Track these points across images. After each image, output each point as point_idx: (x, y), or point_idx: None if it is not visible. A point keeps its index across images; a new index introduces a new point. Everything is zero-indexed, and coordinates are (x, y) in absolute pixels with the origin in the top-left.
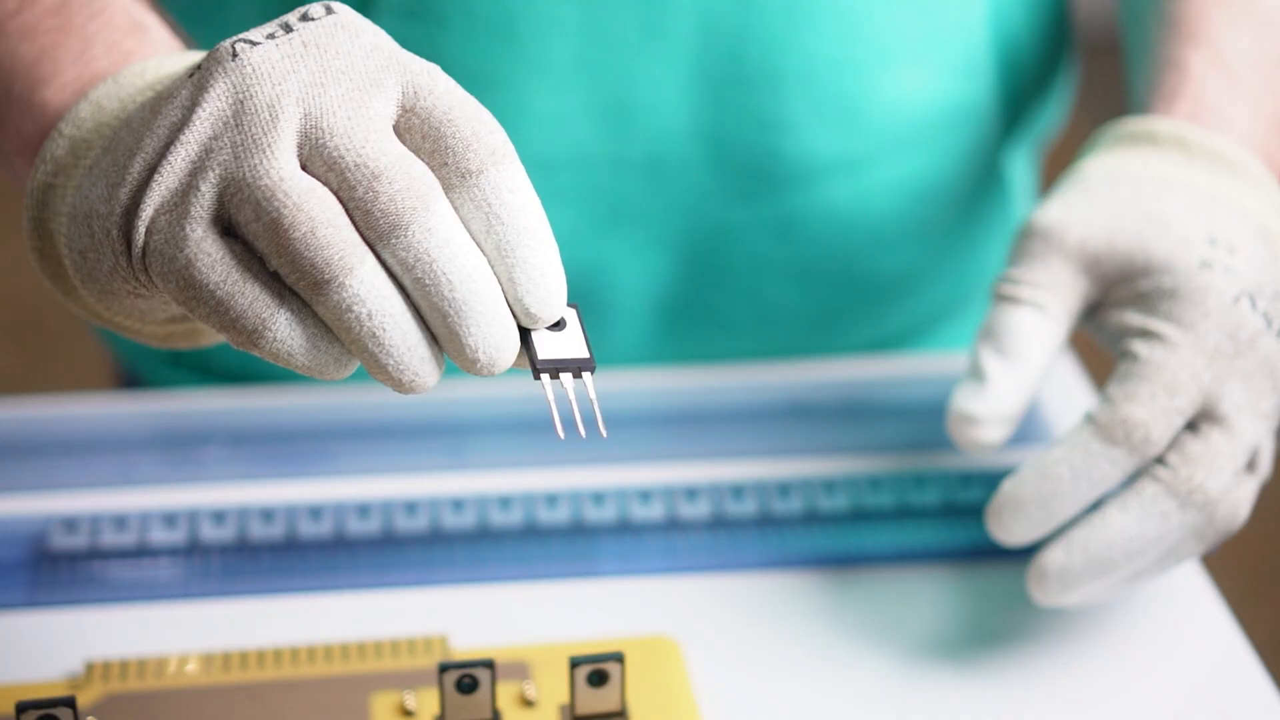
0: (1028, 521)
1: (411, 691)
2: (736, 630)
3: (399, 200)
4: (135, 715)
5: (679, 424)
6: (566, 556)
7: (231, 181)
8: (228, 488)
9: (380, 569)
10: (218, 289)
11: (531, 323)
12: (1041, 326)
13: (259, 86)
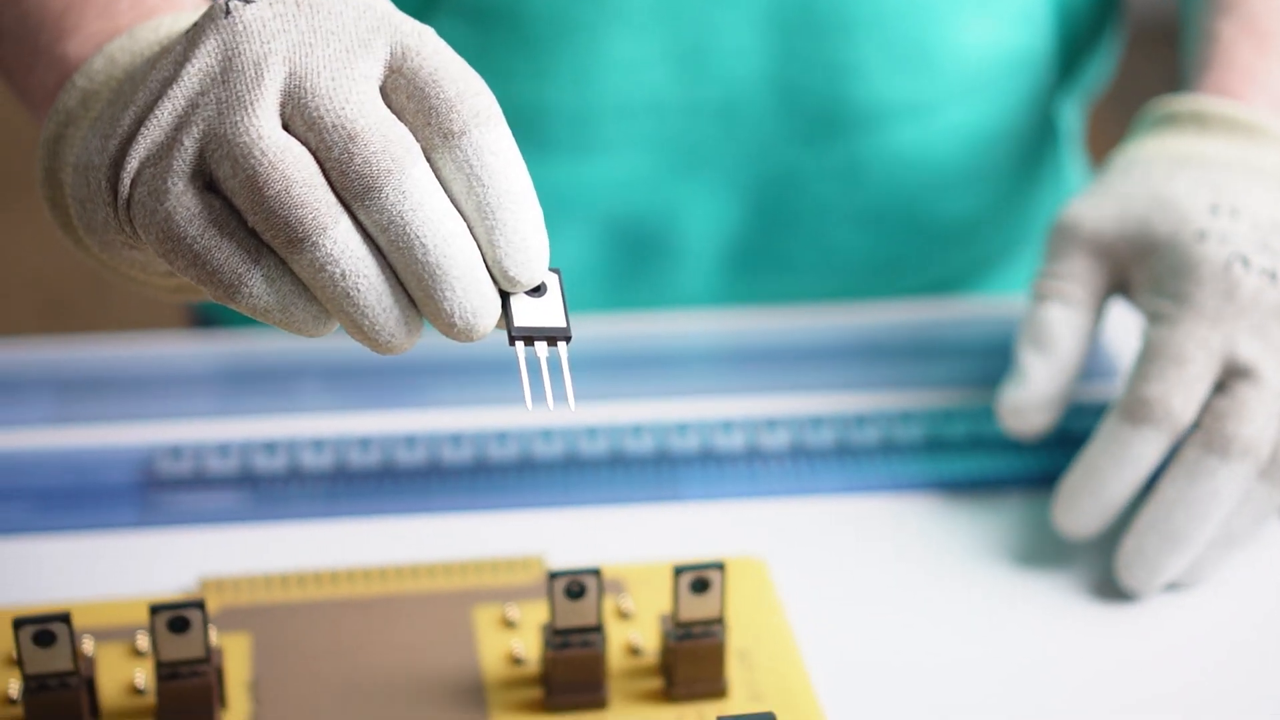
0: (1086, 513)
1: (514, 603)
2: (817, 552)
3: (374, 162)
4: (251, 627)
5: (753, 361)
6: (652, 483)
7: (213, 137)
8: (325, 419)
9: (474, 494)
10: (195, 242)
11: (511, 287)
12: (1069, 318)
13: (247, 44)
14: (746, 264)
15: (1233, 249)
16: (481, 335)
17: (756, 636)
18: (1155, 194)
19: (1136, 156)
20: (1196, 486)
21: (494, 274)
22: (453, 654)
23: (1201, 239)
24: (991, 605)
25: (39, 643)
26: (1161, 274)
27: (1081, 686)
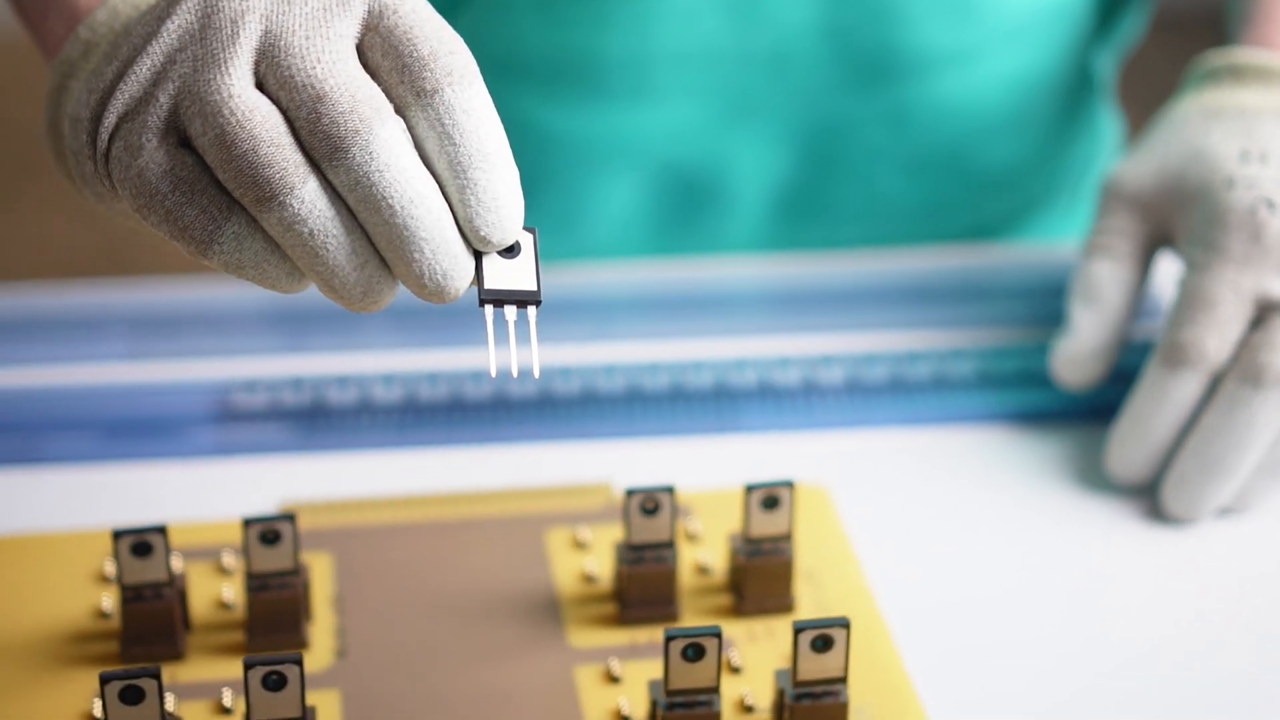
0: (1135, 458)
1: (584, 525)
2: (873, 481)
3: (341, 122)
4: (332, 547)
5: (805, 303)
6: (712, 414)
7: (187, 94)
8: (394, 355)
9: (540, 425)
10: (166, 199)
11: (482, 246)
12: (1115, 272)
13: (226, 1)
14: (793, 210)
15: (1258, 193)
16: (453, 296)
17: (821, 557)
18: (1190, 147)
19: (1175, 113)
20: (1233, 416)
21: (466, 234)
22: (526, 573)
23: (1230, 186)
24: (1043, 530)
25: (136, 553)
26: (1197, 223)
27: (1130, 608)
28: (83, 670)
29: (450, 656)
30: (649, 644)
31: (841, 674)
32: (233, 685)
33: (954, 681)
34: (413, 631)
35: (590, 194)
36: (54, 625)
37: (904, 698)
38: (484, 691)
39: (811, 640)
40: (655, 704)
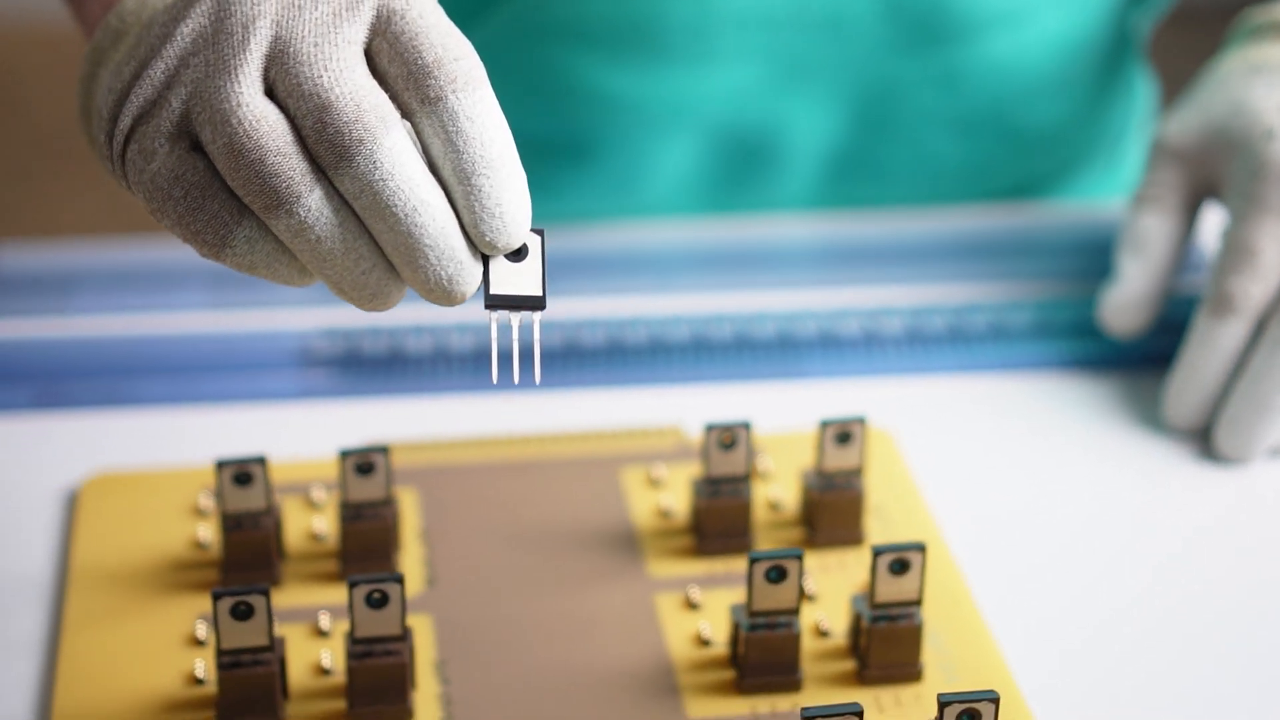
0: (1190, 404)
1: (659, 464)
2: (933, 425)
3: (346, 132)
4: (417, 483)
5: (860, 258)
6: (776, 361)
7: (198, 99)
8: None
9: (610, 370)
10: (179, 204)
11: (488, 251)
12: (1161, 224)
13: (238, 6)
14: (844, 171)
15: None
16: (461, 300)
17: (887, 494)
18: (1233, 101)
19: (1219, 69)
20: (1278, 357)
21: (471, 239)
22: (604, 509)
23: (1270, 138)
24: (1098, 470)
25: (238, 482)
26: (1239, 175)
27: (1184, 544)
28: (185, 596)
29: (534, 585)
30: (725, 574)
31: (916, 597)
32: (329, 609)
33: (1015, 610)
34: (497, 562)
35: (648, 155)
36: (155, 556)
37: (971, 622)
38: (568, 617)
39: (889, 563)
40: (737, 626)
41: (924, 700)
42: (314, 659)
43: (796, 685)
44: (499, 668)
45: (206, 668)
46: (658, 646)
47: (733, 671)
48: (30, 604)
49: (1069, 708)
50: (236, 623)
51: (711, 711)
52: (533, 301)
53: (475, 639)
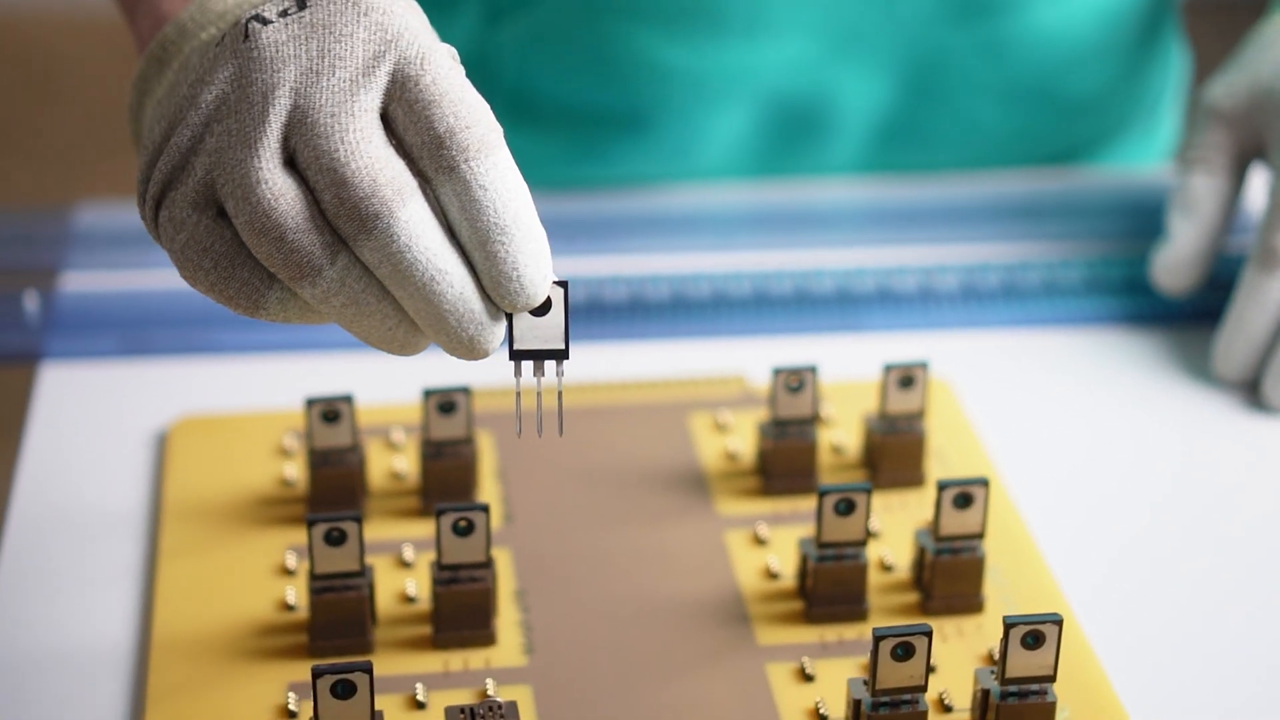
0: (1239, 357)
1: (724, 410)
2: (989, 377)
3: (362, 207)
4: (493, 427)
5: (913, 219)
6: (835, 315)
7: (221, 170)
8: None
9: (674, 323)
10: (210, 273)
11: (509, 310)
12: (1210, 184)
13: (259, 73)
14: (892, 138)
15: None
16: (484, 356)
17: (947, 440)
18: (1279, 63)
19: (1265, 33)
20: None
21: (492, 300)
22: (672, 452)
23: None
24: (1149, 420)
25: (325, 419)
26: None
27: (1233, 492)
28: (273, 530)
29: (607, 522)
30: (791, 513)
31: (980, 530)
32: (412, 542)
33: (1071, 549)
34: (571, 500)
35: (702, 124)
36: (243, 493)
37: (1030, 557)
38: (641, 551)
39: (954, 497)
40: (806, 558)
41: (985, 630)
42: (399, 587)
43: (863, 615)
44: (575, 597)
45: (297, 594)
46: (727, 579)
47: (801, 602)
48: (126, 537)
49: (1121, 639)
50: (329, 548)
51: (781, 639)
52: (556, 353)
53: (552, 571)
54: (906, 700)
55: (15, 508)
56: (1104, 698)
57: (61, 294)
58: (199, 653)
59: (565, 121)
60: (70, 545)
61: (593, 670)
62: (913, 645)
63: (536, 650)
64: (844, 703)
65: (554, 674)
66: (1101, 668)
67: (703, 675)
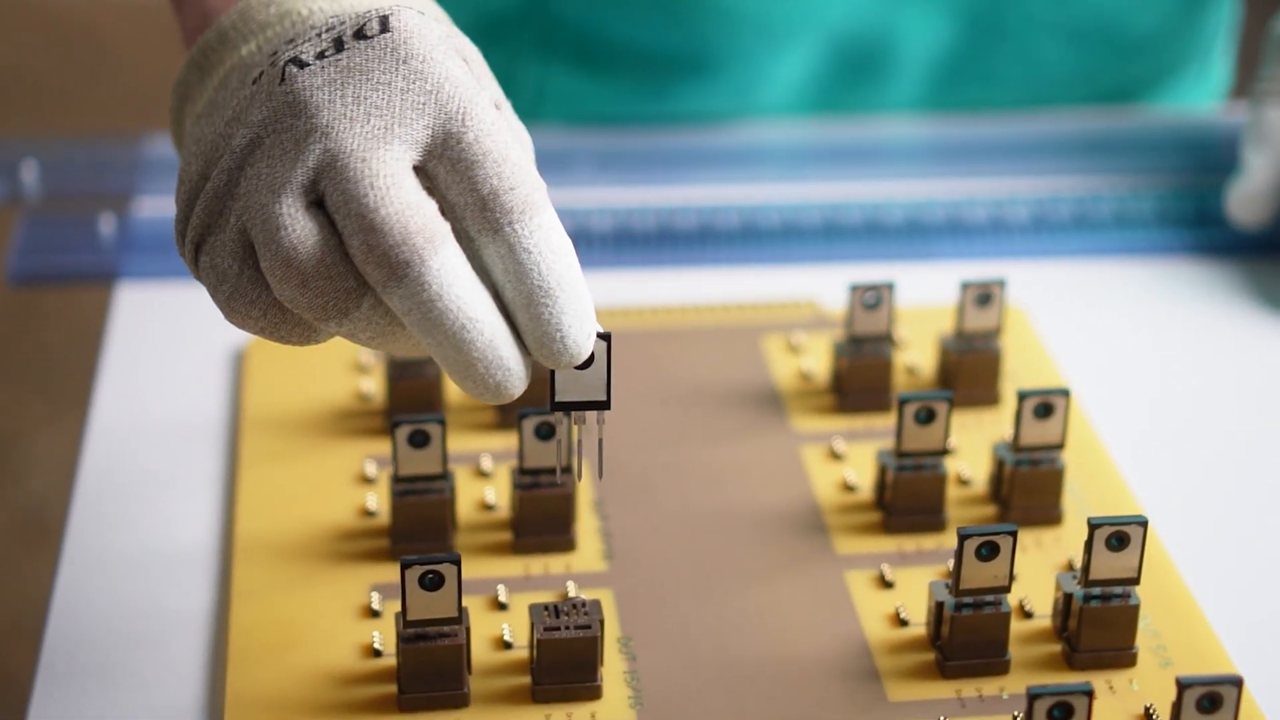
0: None
1: (800, 330)
2: (1061, 306)
3: (392, 254)
4: None
5: (979, 154)
6: (905, 244)
7: (250, 215)
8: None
9: (745, 250)
10: (259, 320)
11: (552, 367)
12: None
13: (293, 120)
14: (954, 77)
15: None
16: (509, 400)
17: (1021, 362)
18: None
19: None
20: None
21: (535, 357)
22: (746, 372)
23: None
24: (1220, 350)
25: None
26: None
27: None
28: (352, 440)
29: (682, 436)
30: (867, 429)
31: (1060, 440)
32: (490, 453)
33: (1140, 468)
34: (646, 416)
35: (765, 65)
36: (320, 405)
37: (1106, 470)
38: (716, 464)
39: (1034, 407)
40: (885, 469)
41: (1063, 542)
42: (479, 496)
43: (941, 526)
44: (653, 508)
45: (378, 500)
46: (804, 492)
47: (879, 514)
48: (206, 449)
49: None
50: (413, 450)
51: (859, 549)
52: (598, 405)
53: (630, 482)
54: (990, 601)
55: (95, 419)
56: (1183, 603)
57: (136, 218)
58: (282, 555)
59: (629, 63)
60: (150, 456)
61: (672, 577)
62: (997, 545)
63: (616, 556)
64: (924, 608)
65: (634, 579)
66: (1180, 575)
67: (781, 582)
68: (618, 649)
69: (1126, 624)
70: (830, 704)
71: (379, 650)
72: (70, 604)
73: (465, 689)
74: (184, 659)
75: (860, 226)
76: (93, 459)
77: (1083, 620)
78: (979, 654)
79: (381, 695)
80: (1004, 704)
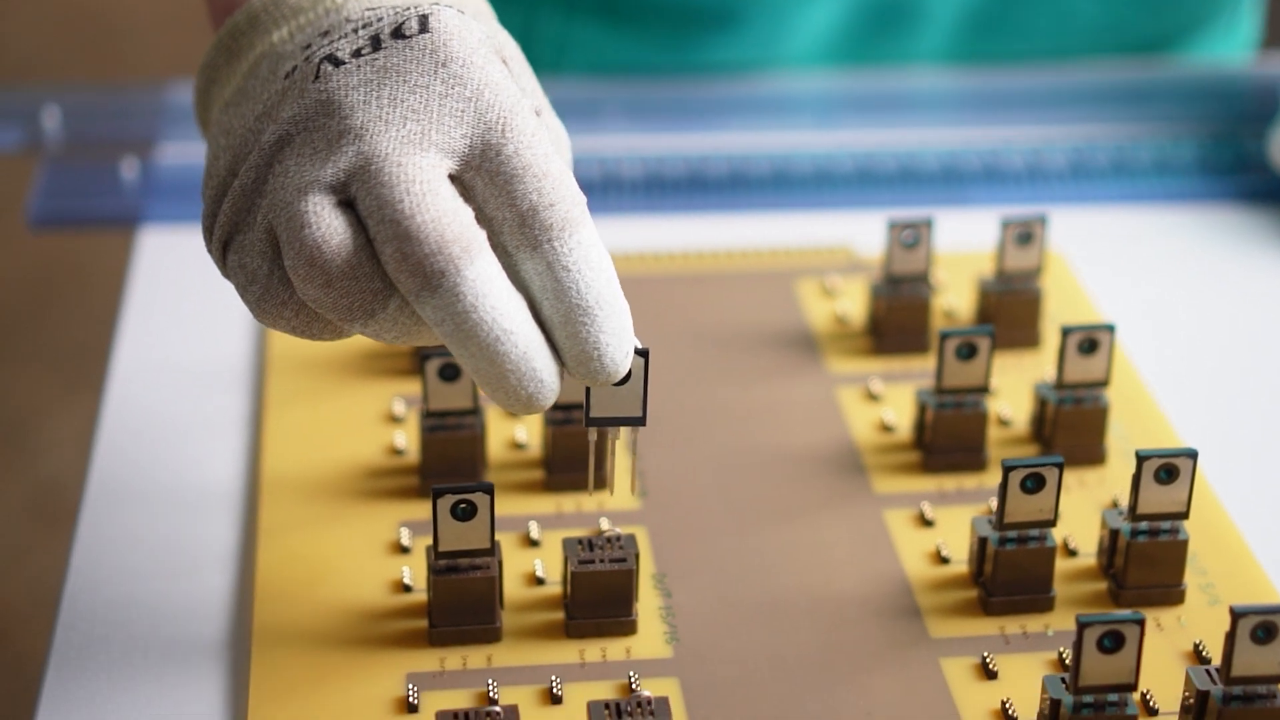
0: None
1: (835, 274)
2: (1098, 252)
3: (427, 264)
4: None
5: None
6: (940, 190)
7: (277, 215)
8: (633, 138)
9: (777, 196)
10: (290, 320)
11: (589, 385)
12: None
13: (325, 119)
14: (981, 29)
15: None
16: (540, 411)
17: (1061, 305)
18: None
19: None
20: None
21: (572, 373)
22: (780, 315)
23: None
24: (1266, 296)
25: None
26: None
27: None
28: (379, 380)
29: (714, 377)
30: (904, 371)
31: (1104, 378)
32: None
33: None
34: (682, 359)
35: (792, 16)
36: (348, 350)
37: (1148, 408)
38: (750, 404)
39: (1079, 342)
40: (925, 406)
41: (1107, 483)
42: (509, 435)
43: (982, 465)
44: (687, 447)
45: (407, 439)
46: (841, 432)
47: (918, 454)
48: (230, 390)
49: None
50: (443, 384)
51: (898, 488)
52: (633, 422)
53: (665, 422)
54: (1034, 536)
55: (117, 363)
56: (1231, 541)
57: (159, 163)
58: (309, 493)
59: (652, 14)
60: (174, 399)
61: (707, 515)
62: (1043, 476)
63: (650, 494)
64: (966, 546)
65: (668, 517)
66: (1227, 513)
67: (819, 521)
68: (652, 585)
69: (1175, 560)
70: (870, 640)
71: (409, 585)
72: (94, 541)
73: (498, 623)
74: (210, 595)
75: (895, 173)
76: (116, 402)
77: (1130, 557)
78: (1023, 590)
79: (411, 630)
80: (1049, 641)
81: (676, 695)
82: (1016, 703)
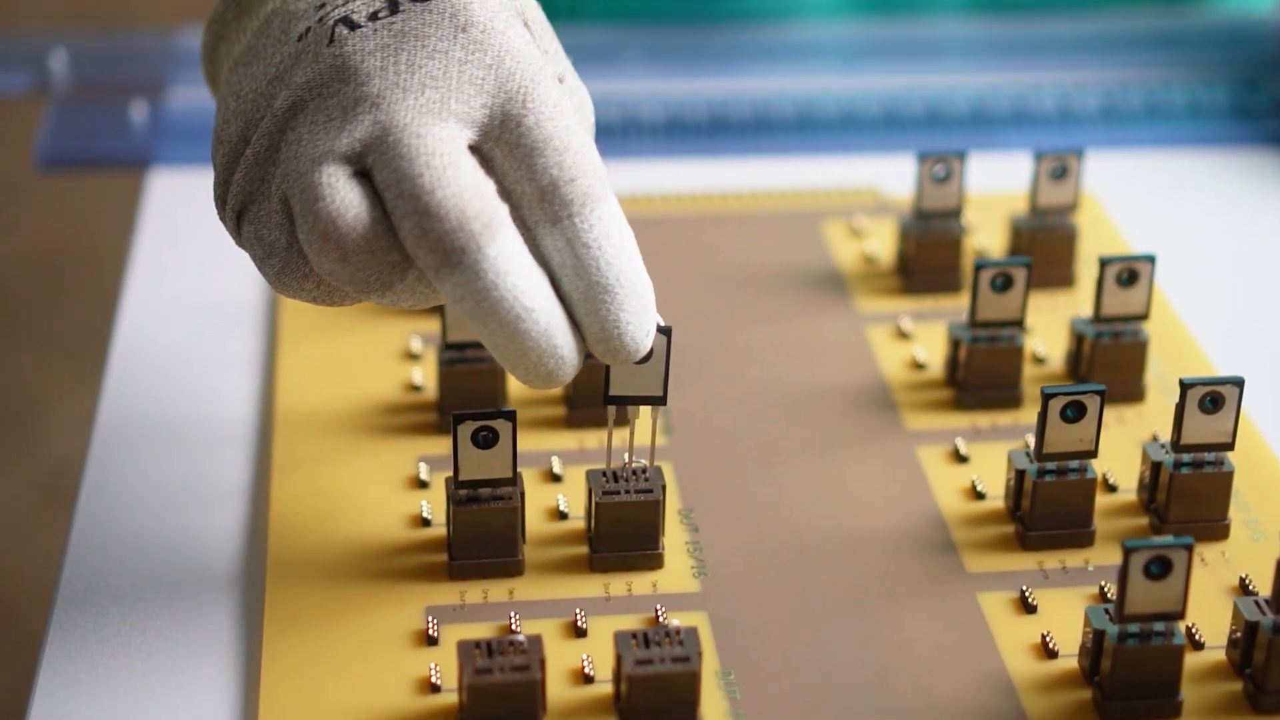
0: None
1: (862, 215)
2: (1132, 196)
3: (447, 240)
4: None
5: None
6: (969, 133)
7: (290, 185)
8: (654, 82)
9: (802, 139)
10: (312, 292)
11: (610, 363)
12: None
13: (341, 86)
14: None
15: None
16: (559, 386)
17: (1095, 242)
18: None
19: None
20: None
21: (593, 352)
22: (806, 255)
23: None
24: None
25: None
26: None
27: None
28: (394, 321)
29: (741, 316)
30: (934, 311)
31: (1144, 311)
32: None
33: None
34: (710, 299)
35: None
36: None
37: (1187, 345)
38: (778, 342)
39: (1118, 274)
40: (958, 343)
41: (1145, 419)
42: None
43: (1017, 402)
44: (714, 384)
45: (424, 376)
46: (871, 370)
47: (950, 391)
48: (242, 329)
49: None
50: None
51: (930, 425)
52: (653, 400)
53: (690, 360)
54: (1074, 468)
55: (127, 303)
56: (1277, 477)
57: (168, 106)
58: (324, 428)
59: None
60: (184, 338)
61: (734, 450)
62: (1084, 404)
63: (675, 431)
64: (1002, 481)
65: (694, 452)
66: (1272, 449)
67: (849, 457)
68: (679, 520)
69: (1219, 493)
70: (904, 575)
71: (427, 519)
72: (103, 475)
73: (519, 556)
74: (223, 530)
75: (922, 116)
76: (126, 342)
77: (1173, 490)
78: (1062, 524)
79: (430, 563)
80: (1089, 576)
81: (705, 629)
82: (1057, 636)
